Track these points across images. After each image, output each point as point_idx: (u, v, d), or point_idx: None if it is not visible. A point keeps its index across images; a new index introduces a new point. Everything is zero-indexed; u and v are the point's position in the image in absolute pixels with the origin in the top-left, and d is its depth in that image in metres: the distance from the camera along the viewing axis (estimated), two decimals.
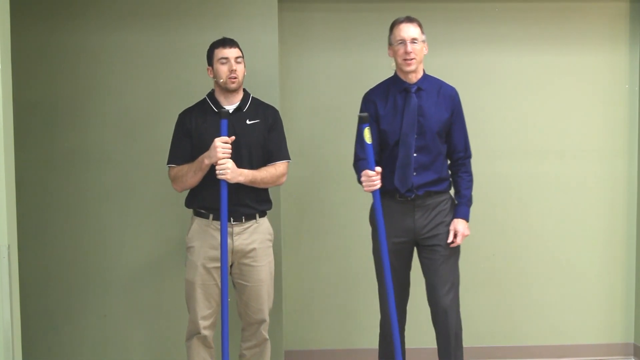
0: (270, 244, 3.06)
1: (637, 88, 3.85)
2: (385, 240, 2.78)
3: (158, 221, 3.58)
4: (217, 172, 2.78)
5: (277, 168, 2.99)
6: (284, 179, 3.04)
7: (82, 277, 3.62)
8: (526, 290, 3.89)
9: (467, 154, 3.08)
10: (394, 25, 2.96)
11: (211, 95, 3.01)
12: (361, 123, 2.76)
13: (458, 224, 2.97)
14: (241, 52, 2.97)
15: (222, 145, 2.78)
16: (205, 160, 2.82)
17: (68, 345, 3.65)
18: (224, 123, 2.78)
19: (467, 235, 2.99)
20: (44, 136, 3.56)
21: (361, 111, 3.00)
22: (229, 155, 2.80)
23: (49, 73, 3.55)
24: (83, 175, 3.58)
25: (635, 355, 3.91)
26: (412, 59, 2.89)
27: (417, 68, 2.95)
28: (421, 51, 2.94)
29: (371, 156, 2.75)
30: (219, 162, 2.78)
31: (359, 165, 2.95)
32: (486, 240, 3.85)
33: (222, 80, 2.92)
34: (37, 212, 3.57)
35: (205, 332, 2.97)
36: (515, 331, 3.90)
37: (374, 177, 2.75)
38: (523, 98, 3.83)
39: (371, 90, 3.08)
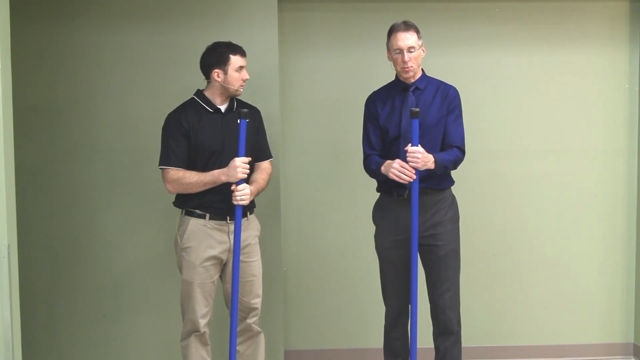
0: (258, 240, 3.13)
1: (637, 88, 3.85)
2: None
3: (159, 220, 3.58)
4: (236, 198, 2.84)
5: (267, 171, 3.10)
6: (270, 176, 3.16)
7: (82, 277, 3.62)
8: (526, 290, 3.88)
9: (462, 149, 3.03)
10: (391, 32, 2.99)
11: (200, 95, 3.02)
12: (413, 118, 2.81)
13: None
14: None
15: (242, 165, 2.83)
16: (222, 177, 2.87)
17: (68, 345, 3.65)
18: (243, 124, 2.79)
19: (425, 163, 2.83)
20: (43, 136, 3.56)
21: (365, 112, 3.11)
22: (247, 175, 2.86)
23: (48, 73, 3.55)
24: (83, 176, 3.58)
25: (635, 355, 3.91)
26: (409, 67, 2.95)
27: (415, 72, 3.00)
28: (419, 56, 2.98)
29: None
30: (238, 187, 2.84)
31: (371, 160, 3.04)
32: (486, 241, 3.85)
33: (234, 88, 2.96)
34: (37, 212, 3.57)
35: (204, 329, 3.02)
36: (515, 331, 3.90)
37: (407, 168, 2.82)
38: (523, 98, 3.83)
39: (374, 92, 3.14)
